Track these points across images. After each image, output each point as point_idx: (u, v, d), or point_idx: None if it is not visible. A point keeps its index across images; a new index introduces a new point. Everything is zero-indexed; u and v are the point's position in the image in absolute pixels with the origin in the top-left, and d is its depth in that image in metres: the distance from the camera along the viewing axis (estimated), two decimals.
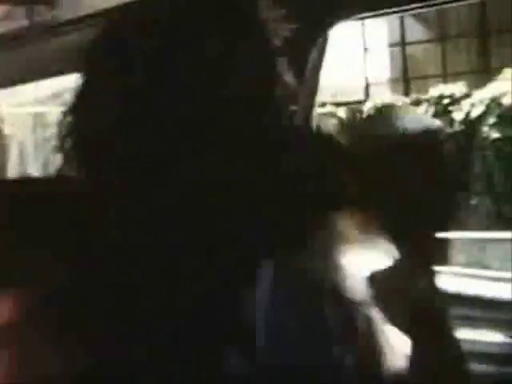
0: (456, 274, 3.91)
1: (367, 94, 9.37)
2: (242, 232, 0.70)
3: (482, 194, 7.70)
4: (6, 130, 9.15)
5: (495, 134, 7.63)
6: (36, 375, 0.70)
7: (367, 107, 8.50)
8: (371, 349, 0.72)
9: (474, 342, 2.54)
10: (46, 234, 0.74)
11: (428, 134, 0.92)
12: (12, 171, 9.01)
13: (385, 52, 9.67)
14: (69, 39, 1.52)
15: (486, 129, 7.72)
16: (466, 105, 7.90)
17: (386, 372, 0.73)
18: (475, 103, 7.79)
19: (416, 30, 9.47)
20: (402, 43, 9.61)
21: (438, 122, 0.99)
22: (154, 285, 0.70)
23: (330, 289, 0.70)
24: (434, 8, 1.28)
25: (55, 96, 7.27)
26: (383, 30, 9.49)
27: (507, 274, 3.85)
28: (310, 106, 1.23)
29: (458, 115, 7.90)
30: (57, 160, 0.77)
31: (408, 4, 1.22)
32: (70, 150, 0.75)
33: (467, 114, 7.86)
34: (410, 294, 0.87)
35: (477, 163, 7.77)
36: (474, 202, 7.73)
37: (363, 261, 0.76)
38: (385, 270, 0.82)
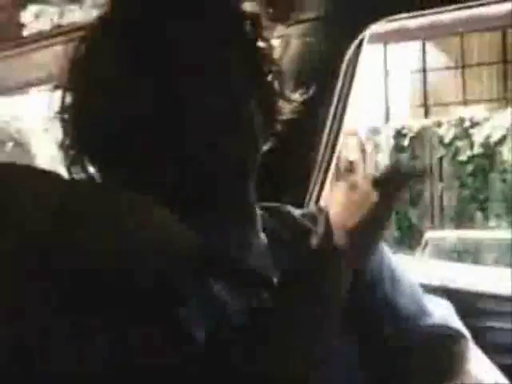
0: None
1: (387, 118, 9.46)
2: None
3: (501, 215, 7.74)
4: None
5: None
6: None
7: (388, 129, 8.60)
8: None
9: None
10: None
11: None
12: None
13: (406, 77, 9.76)
14: None
15: (505, 151, 7.79)
16: (486, 128, 7.98)
17: None
18: (496, 126, 7.87)
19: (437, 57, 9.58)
20: (424, 70, 9.72)
21: None
22: None
23: None
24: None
25: None
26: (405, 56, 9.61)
27: None
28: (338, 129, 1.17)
29: (478, 138, 7.98)
30: None
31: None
32: None
33: (487, 137, 7.93)
34: None
35: (496, 185, 7.82)
36: (492, 223, 7.77)
37: None
38: None
